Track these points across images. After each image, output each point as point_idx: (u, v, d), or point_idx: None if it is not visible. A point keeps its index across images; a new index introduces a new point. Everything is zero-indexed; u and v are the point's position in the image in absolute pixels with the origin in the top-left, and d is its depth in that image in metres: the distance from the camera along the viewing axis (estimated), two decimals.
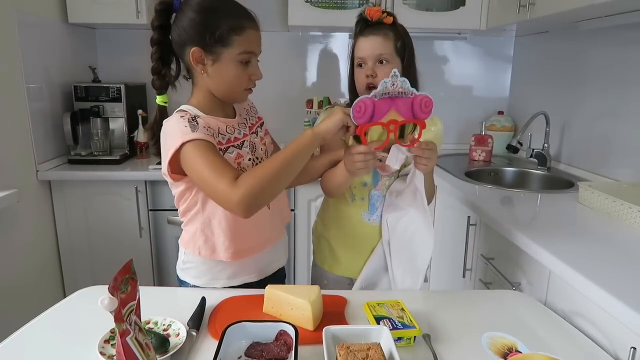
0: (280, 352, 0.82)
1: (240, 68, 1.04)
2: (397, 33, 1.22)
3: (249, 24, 1.03)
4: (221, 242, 1.09)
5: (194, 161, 0.97)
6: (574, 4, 1.56)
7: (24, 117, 1.94)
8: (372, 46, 1.20)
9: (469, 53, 2.70)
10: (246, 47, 1.03)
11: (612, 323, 0.92)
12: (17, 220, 1.86)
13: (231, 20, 1.01)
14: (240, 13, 1.04)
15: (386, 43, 1.20)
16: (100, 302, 0.63)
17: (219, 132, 1.07)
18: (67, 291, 2.21)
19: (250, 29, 1.03)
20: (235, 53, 1.02)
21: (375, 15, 1.21)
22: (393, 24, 1.22)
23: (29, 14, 1.96)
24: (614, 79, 1.84)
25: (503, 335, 0.87)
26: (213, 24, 1.00)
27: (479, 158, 2.42)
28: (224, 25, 1.00)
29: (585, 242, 1.22)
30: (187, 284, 1.19)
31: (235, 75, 1.05)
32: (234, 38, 1.01)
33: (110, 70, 2.55)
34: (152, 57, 1.08)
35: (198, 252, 1.11)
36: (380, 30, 1.20)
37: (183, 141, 0.97)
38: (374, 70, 1.20)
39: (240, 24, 1.02)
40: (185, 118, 1.01)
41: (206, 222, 1.09)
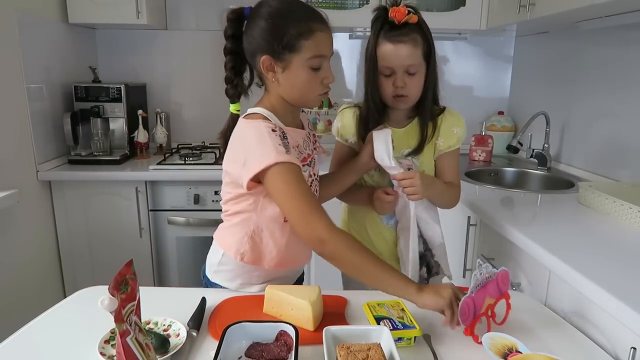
0: (280, 352, 0.82)
1: (311, 73, 1.01)
2: (424, 35, 1.15)
3: (316, 26, 0.98)
4: (268, 251, 1.08)
5: (287, 186, 0.95)
6: (574, 4, 1.56)
7: (24, 117, 1.94)
8: (401, 55, 1.13)
9: (469, 53, 2.70)
10: (315, 50, 0.99)
11: (612, 323, 0.92)
12: (17, 220, 1.86)
13: (298, 24, 0.97)
14: (308, 16, 0.99)
15: (415, 51, 1.13)
16: (100, 302, 0.63)
17: (297, 147, 1.05)
18: (67, 291, 2.21)
19: (319, 32, 0.99)
20: (305, 58, 0.99)
21: (401, 17, 1.12)
22: (418, 23, 1.14)
23: (29, 14, 1.96)
24: (614, 78, 1.84)
25: (503, 335, 0.87)
26: (280, 30, 0.97)
27: (478, 158, 2.42)
28: (291, 31, 0.97)
29: (585, 242, 1.22)
30: (217, 286, 1.14)
31: (306, 80, 1.01)
32: (302, 43, 0.97)
33: (110, 70, 2.56)
34: (225, 66, 1.06)
35: (240, 258, 1.08)
36: (407, 35, 1.13)
37: (277, 160, 0.93)
38: (403, 80, 1.15)
39: (308, 28, 0.97)
40: (277, 133, 0.97)
41: (257, 229, 1.07)
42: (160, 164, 2.15)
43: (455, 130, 1.24)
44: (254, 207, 1.05)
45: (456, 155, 1.30)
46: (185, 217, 2.15)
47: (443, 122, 1.25)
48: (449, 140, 1.25)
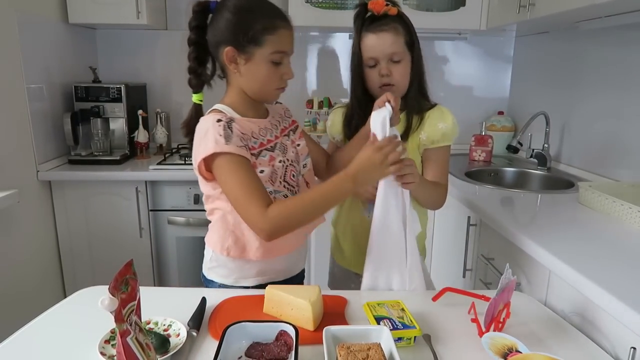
0: (280, 352, 0.82)
1: (272, 67, 1.05)
2: (405, 26, 1.18)
3: (281, 23, 1.04)
4: (252, 241, 1.09)
5: (227, 176, 1.00)
6: (574, 4, 1.56)
7: (24, 117, 1.94)
8: (383, 44, 1.17)
9: (469, 53, 2.70)
10: (278, 46, 1.04)
11: (611, 323, 0.93)
12: (17, 220, 1.86)
13: (264, 20, 1.02)
14: (273, 13, 1.05)
15: (397, 39, 1.17)
16: (101, 302, 0.63)
17: (252, 135, 1.07)
18: (67, 291, 2.21)
19: (282, 29, 1.04)
20: (268, 52, 1.03)
21: (379, 8, 1.16)
22: (398, 14, 1.18)
23: (29, 14, 1.96)
24: (613, 79, 1.84)
25: (503, 335, 0.87)
26: (246, 23, 1.02)
27: (478, 158, 2.42)
28: (257, 25, 1.02)
29: (585, 242, 1.22)
30: (214, 283, 1.18)
31: (266, 74, 1.05)
32: (267, 37, 1.02)
33: (110, 70, 2.56)
34: (188, 56, 1.10)
35: (227, 253, 1.11)
36: (388, 24, 1.17)
37: (214, 151, 0.98)
38: (388, 69, 1.17)
39: (273, 24, 1.03)
40: (221, 125, 1.00)
41: (236, 223, 1.09)
42: (161, 164, 2.15)
43: (440, 125, 1.22)
44: (227, 202, 1.06)
45: (443, 154, 1.26)
46: (185, 217, 2.15)
47: (429, 117, 1.24)
48: (433, 135, 1.23)
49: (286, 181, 1.10)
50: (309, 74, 2.68)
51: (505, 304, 0.93)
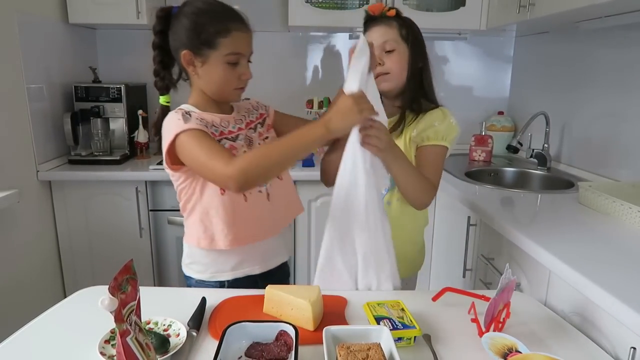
0: (280, 352, 0.82)
1: (228, 68, 1.08)
2: (401, 22, 1.23)
3: (235, 25, 1.07)
4: (219, 229, 1.11)
5: (189, 147, 1.02)
6: (574, 4, 1.56)
7: (24, 117, 1.94)
8: (375, 36, 1.22)
9: (469, 53, 2.70)
10: (232, 48, 1.07)
11: (612, 323, 0.93)
12: (17, 220, 1.86)
13: (217, 23, 1.06)
14: (227, 16, 1.08)
15: (389, 30, 1.21)
16: (101, 302, 0.63)
17: (212, 124, 1.11)
18: (67, 291, 2.21)
19: (236, 31, 1.07)
20: (222, 54, 1.07)
21: (377, 10, 1.23)
22: (397, 16, 1.23)
23: (29, 14, 1.96)
24: (613, 79, 1.84)
25: (503, 335, 0.87)
26: (200, 28, 1.06)
27: (478, 158, 2.42)
28: (210, 29, 1.06)
29: (585, 242, 1.22)
30: (191, 279, 1.21)
31: (222, 75, 1.09)
32: (220, 40, 1.06)
33: (110, 70, 2.56)
34: (153, 60, 1.14)
35: (197, 243, 1.14)
36: (383, 22, 1.22)
37: (177, 132, 1.02)
38: (381, 58, 1.21)
39: (226, 27, 1.06)
40: (179, 113, 1.06)
41: (204, 212, 1.12)
42: (161, 163, 2.13)
43: (436, 124, 1.22)
44: (193, 191, 1.12)
45: (434, 153, 1.22)
46: None
47: (427, 115, 1.24)
48: (426, 132, 1.21)
49: None
50: (309, 74, 2.68)
51: (505, 304, 0.93)
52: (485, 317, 0.91)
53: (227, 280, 1.18)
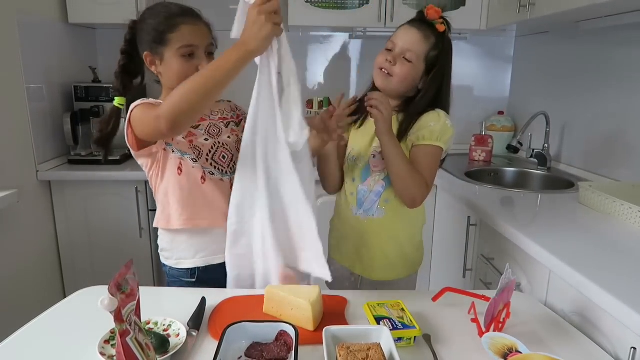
0: (280, 352, 0.82)
1: (183, 61, 1.12)
2: (438, 42, 1.20)
3: (182, 20, 1.12)
4: (175, 209, 1.18)
5: (138, 115, 1.09)
6: (574, 4, 1.56)
7: (24, 117, 1.94)
8: (406, 39, 1.20)
9: (469, 53, 2.70)
10: (182, 41, 1.11)
11: (612, 323, 0.93)
12: (17, 220, 1.86)
13: (165, 21, 1.11)
14: (174, 12, 1.12)
15: (421, 43, 1.19)
16: (100, 302, 0.63)
17: None
18: (67, 291, 2.21)
19: (184, 24, 1.11)
20: (174, 49, 1.12)
21: (433, 15, 1.20)
22: (443, 33, 1.20)
23: (29, 14, 1.96)
24: (614, 78, 1.84)
25: (503, 335, 0.87)
26: (151, 28, 1.13)
27: (478, 158, 2.42)
28: (159, 27, 1.12)
29: (586, 242, 1.22)
30: (165, 267, 1.28)
31: (179, 68, 1.12)
32: (169, 36, 1.11)
33: (110, 70, 2.50)
34: (118, 62, 1.22)
35: (157, 223, 1.22)
36: (426, 29, 1.19)
37: (131, 108, 1.12)
38: (395, 58, 1.20)
39: (172, 22, 1.11)
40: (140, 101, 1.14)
41: (164, 193, 1.20)
42: None
43: (431, 124, 1.21)
44: (157, 174, 1.19)
45: (428, 153, 1.21)
46: None
47: (424, 117, 1.23)
48: (421, 131, 1.21)
49: (214, 160, 1.19)
50: (309, 74, 2.68)
51: (505, 304, 0.93)
52: (486, 317, 0.91)
53: (196, 268, 1.22)
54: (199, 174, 1.18)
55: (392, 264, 1.32)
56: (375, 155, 1.26)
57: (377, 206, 1.27)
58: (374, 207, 1.28)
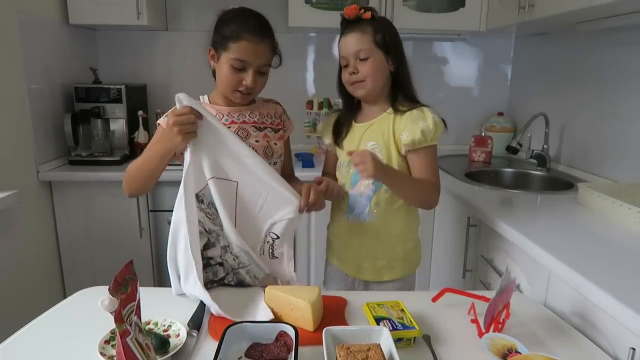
0: (280, 352, 0.82)
1: (232, 71, 1.16)
2: (376, 26, 1.22)
3: (247, 36, 1.13)
4: None
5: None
6: (573, 5, 1.56)
7: (24, 117, 1.95)
8: (349, 44, 1.23)
9: (469, 54, 2.70)
10: (238, 54, 1.14)
11: (611, 323, 0.93)
12: (17, 220, 1.86)
13: (233, 29, 1.14)
14: (245, 25, 1.14)
15: (363, 37, 1.21)
16: (101, 303, 0.63)
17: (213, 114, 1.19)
18: (67, 291, 2.21)
19: (246, 41, 1.13)
20: (229, 57, 1.15)
21: (352, 13, 1.23)
22: (372, 18, 1.23)
23: (29, 14, 1.96)
24: (613, 80, 1.84)
25: (502, 335, 0.87)
26: (221, 29, 1.16)
27: (478, 159, 2.42)
28: (226, 32, 1.15)
29: (585, 243, 1.22)
30: None
31: (226, 75, 1.16)
32: (230, 44, 1.14)
33: (110, 71, 2.56)
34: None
35: None
36: (357, 26, 1.22)
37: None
38: (355, 67, 1.23)
39: (238, 34, 1.13)
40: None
41: None
42: None
43: (420, 124, 1.21)
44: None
45: (427, 154, 1.25)
46: None
47: (409, 117, 1.24)
48: (413, 134, 1.22)
49: None
50: (309, 75, 2.68)
51: (504, 305, 0.93)
52: (485, 317, 0.91)
53: None
54: None
55: (388, 266, 1.33)
56: None
57: (367, 210, 1.29)
58: (365, 211, 1.29)
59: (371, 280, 1.34)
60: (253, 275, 1.14)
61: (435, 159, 1.28)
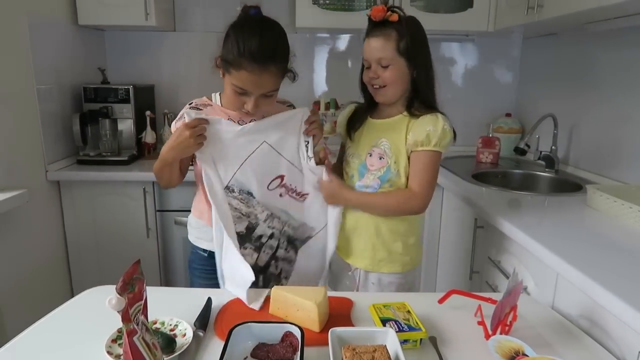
0: (286, 353, 0.82)
1: (235, 92, 1.15)
2: (402, 32, 1.20)
3: (248, 66, 1.09)
4: (204, 206, 1.29)
5: None
6: (582, 6, 1.55)
7: (34, 117, 1.96)
8: (372, 49, 1.23)
9: (476, 55, 2.69)
10: (238, 82, 1.12)
11: (620, 327, 0.92)
12: (26, 219, 1.88)
13: (234, 53, 1.09)
14: (246, 51, 1.08)
15: (386, 45, 1.21)
16: (108, 302, 0.63)
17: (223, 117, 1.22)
18: (74, 290, 2.22)
19: (245, 71, 1.09)
20: (231, 82, 1.14)
21: (378, 15, 1.21)
22: (399, 21, 1.21)
23: (39, 15, 1.98)
24: (622, 81, 1.83)
25: (510, 338, 0.87)
26: (226, 46, 1.13)
27: (485, 160, 2.41)
28: (228, 55, 1.11)
29: (593, 245, 1.21)
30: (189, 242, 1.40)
31: (230, 95, 1.18)
32: (231, 70, 1.12)
33: (118, 71, 2.57)
34: None
35: (193, 212, 1.38)
36: (383, 30, 1.21)
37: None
38: (376, 72, 1.24)
39: (239, 62, 1.09)
40: (185, 109, 1.23)
41: (199, 190, 1.32)
42: None
43: (429, 127, 1.21)
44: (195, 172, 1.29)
45: (426, 158, 1.23)
46: None
47: (421, 120, 1.24)
48: (418, 136, 1.21)
49: None
50: (316, 76, 2.68)
51: (512, 307, 0.92)
52: (492, 319, 0.91)
53: (207, 250, 1.32)
54: None
55: (388, 259, 1.32)
56: (372, 154, 1.30)
57: None
58: None
59: (370, 271, 1.34)
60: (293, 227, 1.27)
61: (435, 167, 1.24)
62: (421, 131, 1.21)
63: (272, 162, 1.23)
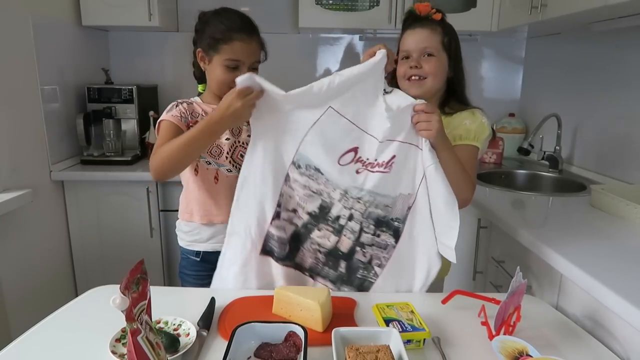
0: (289, 352, 0.82)
1: (226, 71, 1.20)
2: (445, 29, 1.22)
3: (238, 35, 1.19)
4: (194, 206, 1.31)
5: (159, 134, 1.22)
6: (586, 5, 1.55)
7: (38, 118, 1.97)
8: (418, 39, 1.20)
9: (480, 54, 2.68)
10: (231, 55, 1.19)
11: (624, 328, 0.91)
12: (30, 219, 1.89)
13: (222, 30, 1.19)
14: (234, 25, 1.19)
15: (433, 36, 1.20)
16: (112, 301, 0.63)
17: (203, 114, 1.25)
18: (78, 290, 2.23)
19: (238, 40, 1.19)
20: (222, 58, 1.20)
21: (424, 10, 1.22)
22: (441, 20, 1.22)
23: (43, 16, 1.99)
24: (626, 80, 1.82)
25: (513, 338, 0.87)
26: (209, 32, 1.21)
27: (489, 160, 2.40)
28: (216, 34, 1.19)
29: (597, 245, 1.21)
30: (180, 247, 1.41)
31: (220, 76, 1.21)
32: (222, 46, 1.19)
33: (122, 71, 2.58)
34: (193, 53, 1.30)
35: (181, 216, 1.36)
36: (429, 24, 1.21)
37: (160, 119, 1.23)
38: (418, 61, 1.19)
39: (229, 35, 1.18)
40: (172, 104, 1.26)
41: (186, 189, 1.34)
42: None
43: (466, 122, 1.20)
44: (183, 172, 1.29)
45: (467, 152, 1.18)
46: None
47: (459, 115, 1.22)
48: (457, 130, 1.20)
49: (232, 158, 1.27)
50: (319, 76, 2.68)
51: (515, 307, 0.92)
52: (496, 320, 0.91)
53: (202, 252, 1.34)
54: (212, 174, 1.27)
55: None
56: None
57: None
58: None
59: None
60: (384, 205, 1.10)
61: (474, 161, 1.21)
62: (459, 125, 1.20)
63: (342, 131, 1.07)
